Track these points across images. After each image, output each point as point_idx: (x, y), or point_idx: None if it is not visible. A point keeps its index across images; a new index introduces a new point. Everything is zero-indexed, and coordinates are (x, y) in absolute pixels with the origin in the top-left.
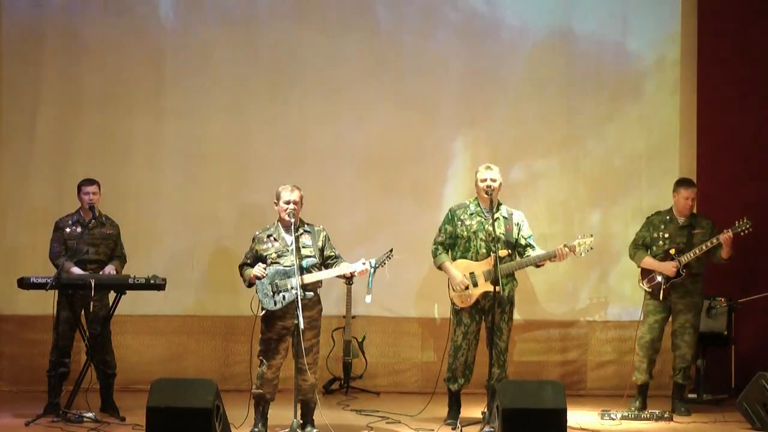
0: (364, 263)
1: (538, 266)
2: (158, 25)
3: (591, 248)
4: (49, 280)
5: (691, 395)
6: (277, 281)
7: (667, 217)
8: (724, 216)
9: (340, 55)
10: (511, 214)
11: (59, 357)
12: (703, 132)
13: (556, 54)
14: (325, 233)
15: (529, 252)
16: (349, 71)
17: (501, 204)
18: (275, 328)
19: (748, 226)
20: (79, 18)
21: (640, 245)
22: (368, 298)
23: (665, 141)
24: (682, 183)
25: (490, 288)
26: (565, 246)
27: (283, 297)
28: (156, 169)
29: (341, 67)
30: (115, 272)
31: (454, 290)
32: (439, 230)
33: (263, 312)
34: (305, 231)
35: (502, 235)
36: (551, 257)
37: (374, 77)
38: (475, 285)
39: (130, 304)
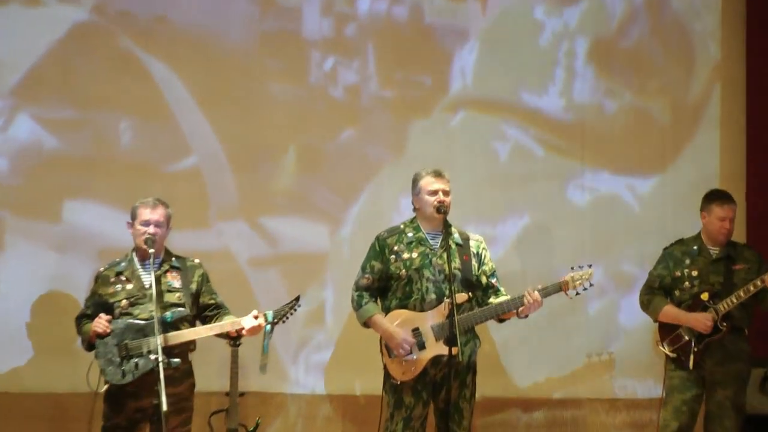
0: (257, 317)
1: (501, 320)
2: None
3: (590, 284)
4: None
5: None
6: (128, 341)
7: (695, 248)
8: None
9: None
10: (467, 240)
11: None
12: (753, 135)
13: None
14: (202, 271)
15: (492, 298)
16: None
17: (451, 226)
18: (125, 411)
19: None
20: None
21: (657, 289)
22: (264, 368)
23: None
24: (716, 197)
25: (444, 350)
26: (538, 289)
27: (136, 365)
28: None
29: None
30: None
31: (392, 355)
32: (363, 269)
33: (107, 387)
34: (172, 267)
35: (458, 272)
36: (517, 307)
37: None
38: (422, 347)
39: None
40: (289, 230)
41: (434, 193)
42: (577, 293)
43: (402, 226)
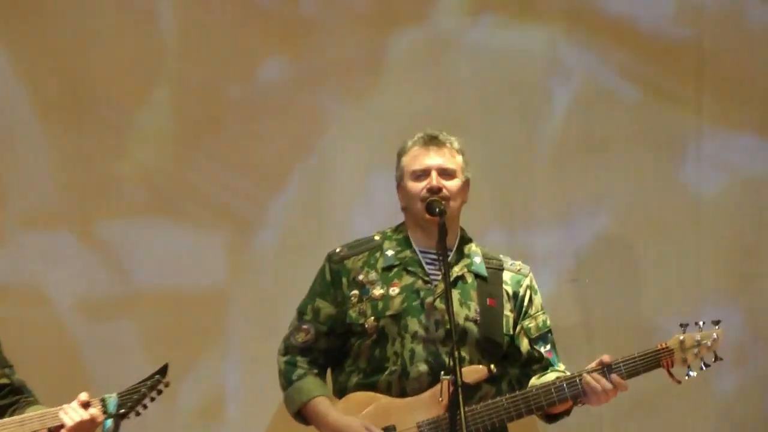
0: (87, 404)
1: (550, 417)
2: None
3: (717, 358)
4: None
5: None
6: None
7: None
8: None
9: None
10: (498, 270)
11: None
12: None
13: None
14: None
15: (539, 375)
16: None
17: (471, 242)
18: None
19: None
20: None
21: None
22: None
23: None
24: None
25: None
26: (617, 363)
27: None
28: None
29: None
30: None
31: None
32: (300, 315)
33: None
34: None
35: (472, 325)
36: (577, 395)
37: None
38: None
39: None
40: (156, 245)
41: (421, 175)
42: (690, 374)
43: (377, 238)
